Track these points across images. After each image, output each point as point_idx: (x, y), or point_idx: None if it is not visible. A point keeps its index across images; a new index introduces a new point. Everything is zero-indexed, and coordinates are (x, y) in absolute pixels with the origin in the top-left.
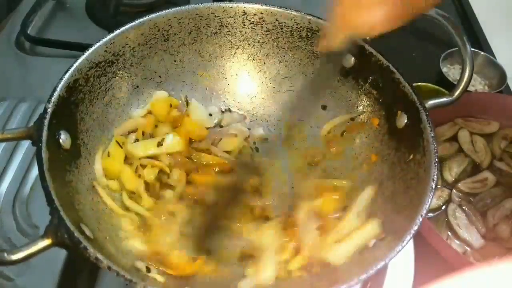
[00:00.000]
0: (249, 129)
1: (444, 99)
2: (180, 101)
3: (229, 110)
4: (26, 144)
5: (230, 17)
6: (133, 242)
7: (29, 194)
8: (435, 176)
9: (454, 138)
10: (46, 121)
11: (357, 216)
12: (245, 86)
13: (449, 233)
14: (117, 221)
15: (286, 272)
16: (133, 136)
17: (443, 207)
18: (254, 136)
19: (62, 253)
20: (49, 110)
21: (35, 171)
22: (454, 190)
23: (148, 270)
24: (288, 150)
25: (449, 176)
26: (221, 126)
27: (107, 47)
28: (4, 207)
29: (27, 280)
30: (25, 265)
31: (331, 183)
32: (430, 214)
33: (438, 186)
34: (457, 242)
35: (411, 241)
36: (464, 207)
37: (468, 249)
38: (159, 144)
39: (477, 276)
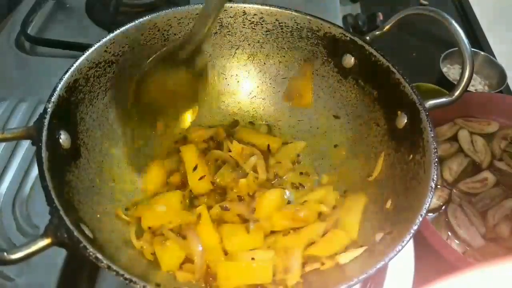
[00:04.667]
0: None
1: (444, 99)
2: None
3: None
4: (26, 144)
5: (230, 17)
6: None
7: (29, 194)
8: (435, 176)
9: (454, 138)
10: (46, 121)
11: None
12: (245, 86)
13: (449, 233)
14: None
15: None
16: None
17: (443, 207)
18: None
19: (62, 253)
20: (49, 110)
21: (35, 171)
22: (454, 190)
23: None
24: None
25: (449, 176)
26: None
27: (107, 47)
28: (4, 207)
29: (27, 280)
30: (25, 265)
31: None
32: (430, 214)
33: (438, 186)
34: (457, 242)
35: (411, 241)
36: (464, 207)
37: (468, 249)
38: None
39: (477, 276)
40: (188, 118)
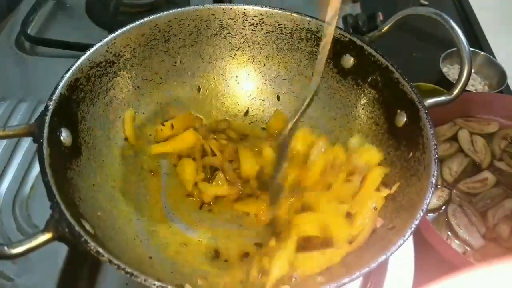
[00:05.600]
0: None
1: (443, 98)
2: None
3: None
4: (26, 144)
5: (230, 18)
6: None
7: (29, 194)
8: (435, 172)
9: (454, 138)
10: (48, 118)
11: None
12: (245, 87)
13: (449, 233)
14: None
15: None
16: None
17: (443, 207)
18: None
19: (62, 253)
20: (50, 108)
21: (35, 171)
22: (454, 190)
23: None
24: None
25: (449, 176)
26: None
27: (108, 47)
28: (4, 207)
29: (27, 280)
30: (25, 265)
31: None
32: (430, 214)
33: (438, 186)
34: (457, 242)
35: (411, 241)
36: (464, 207)
37: (468, 249)
38: None
39: (477, 276)
40: None
